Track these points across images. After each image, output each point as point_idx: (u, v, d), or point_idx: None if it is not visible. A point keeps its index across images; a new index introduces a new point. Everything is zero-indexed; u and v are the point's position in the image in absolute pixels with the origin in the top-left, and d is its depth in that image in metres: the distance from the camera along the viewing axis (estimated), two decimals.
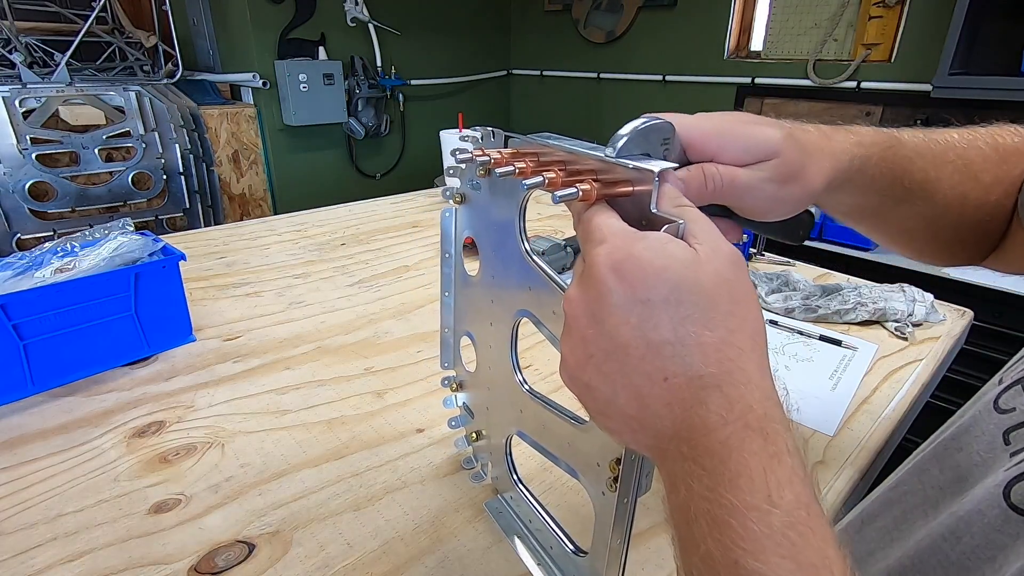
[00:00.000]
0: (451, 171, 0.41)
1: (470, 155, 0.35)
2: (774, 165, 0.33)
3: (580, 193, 0.28)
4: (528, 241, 0.36)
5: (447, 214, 0.44)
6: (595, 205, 0.29)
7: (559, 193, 0.28)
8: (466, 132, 0.39)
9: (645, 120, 0.31)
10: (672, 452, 0.25)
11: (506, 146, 0.36)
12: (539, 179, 0.29)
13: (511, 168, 0.32)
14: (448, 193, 0.42)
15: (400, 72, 2.63)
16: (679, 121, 0.33)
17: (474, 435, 0.49)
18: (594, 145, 0.33)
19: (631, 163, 0.28)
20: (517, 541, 0.44)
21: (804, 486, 0.22)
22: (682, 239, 0.26)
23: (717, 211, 0.37)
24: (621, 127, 0.30)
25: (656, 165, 0.27)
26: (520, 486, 0.45)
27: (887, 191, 0.40)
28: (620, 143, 0.30)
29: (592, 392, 0.27)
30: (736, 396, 0.23)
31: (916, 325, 0.80)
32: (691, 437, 0.24)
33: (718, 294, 0.25)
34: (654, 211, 0.28)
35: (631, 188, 0.28)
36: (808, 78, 2.01)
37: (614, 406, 0.26)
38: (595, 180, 0.29)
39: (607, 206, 0.29)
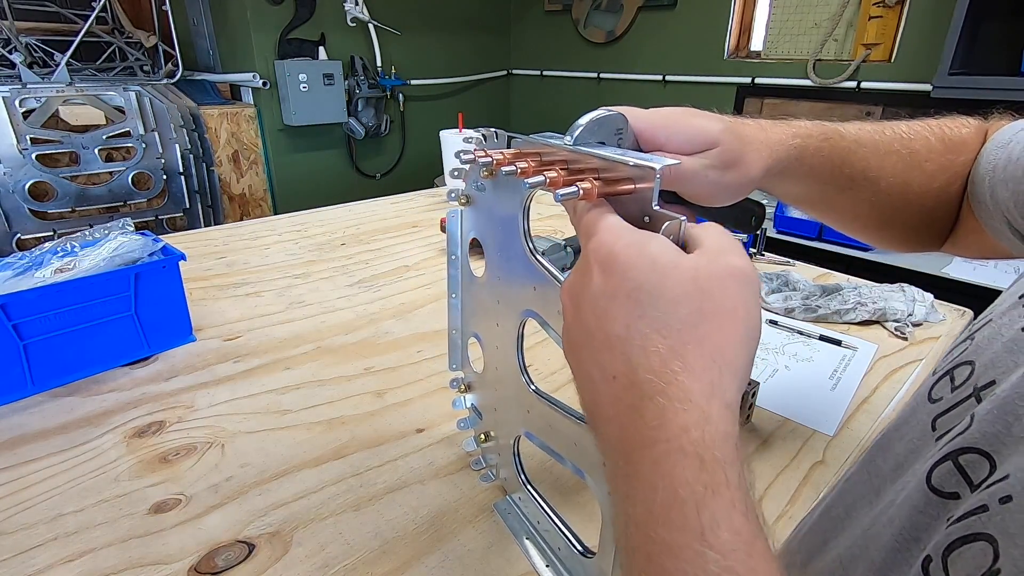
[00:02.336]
0: (455, 173, 0.41)
1: (473, 156, 0.36)
2: (715, 153, 0.35)
3: (581, 192, 0.28)
4: (532, 241, 0.36)
5: (453, 216, 0.44)
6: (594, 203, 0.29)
7: (561, 192, 0.28)
8: (469, 133, 0.39)
9: (600, 112, 0.34)
10: (611, 465, 0.24)
11: (509, 147, 0.36)
12: (540, 178, 0.29)
13: (513, 168, 0.32)
14: (453, 195, 0.42)
15: (400, 72, 2.63)
16: (631, 114, 0.35)
17: (483, 436, 0.49)
18: (589, 143, 0.33)
19: (632, 160, 0.28)
20: (526, 542, 0.44)
21: (745, 521, 0.21)
22: (683, 237, 0.26)
23: (667, 198, 0.38)
24: (578, 118, 0.33)
25: (658, 162, 0.27)
26: (528, 487, 0.45)
27: (829, 179, 0.42)
28: (577, 131, 0.32)
29: (574, 375, 0.28)
30: (671, 413, 0.22)
31: (916, 325, 0.80)
32: (628, 450, 0.23)
33: (683, 301, 0.24)
34: (655, 208, 0.28)
35: (633, 186, 0.28)
36: (808, 78, 2.01)
37: (583, 393, 0.27)
38: (596, 179, 0.29)
39: (605, 203, 0.29)
